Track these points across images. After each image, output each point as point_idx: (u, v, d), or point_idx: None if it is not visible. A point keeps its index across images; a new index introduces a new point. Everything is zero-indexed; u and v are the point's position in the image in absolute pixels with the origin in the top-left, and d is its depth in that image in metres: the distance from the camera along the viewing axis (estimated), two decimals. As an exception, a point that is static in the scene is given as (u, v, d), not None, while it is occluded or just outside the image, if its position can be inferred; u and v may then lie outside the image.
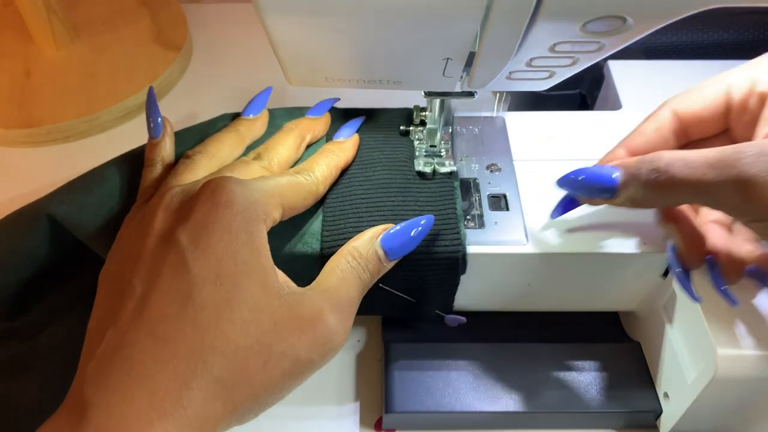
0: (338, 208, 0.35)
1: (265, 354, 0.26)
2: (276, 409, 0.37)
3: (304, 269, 0.32)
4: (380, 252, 0.31)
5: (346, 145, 0.37)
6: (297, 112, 0.40)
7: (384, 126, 0.39)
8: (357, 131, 0.38)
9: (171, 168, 0.35)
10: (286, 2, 0.26)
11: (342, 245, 0.32)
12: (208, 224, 0.27)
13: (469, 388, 0.36)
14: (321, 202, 0.35)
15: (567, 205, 0.34)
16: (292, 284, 0.29)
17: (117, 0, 0.60)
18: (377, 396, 0.38)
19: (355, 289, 0.30)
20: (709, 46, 0.49)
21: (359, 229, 0.33)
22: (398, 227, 0.32)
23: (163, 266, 0.27)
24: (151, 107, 0.36)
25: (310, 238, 0.34)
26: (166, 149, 0.35)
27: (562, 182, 0.33)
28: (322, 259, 0.33)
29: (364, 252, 0.31)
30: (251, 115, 0.38)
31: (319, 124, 0.39)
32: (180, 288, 0.26)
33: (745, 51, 0.49)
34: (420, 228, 0.32)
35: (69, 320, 0.37)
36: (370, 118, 0.39)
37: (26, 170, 0.36)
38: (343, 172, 0.36)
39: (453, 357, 0.37)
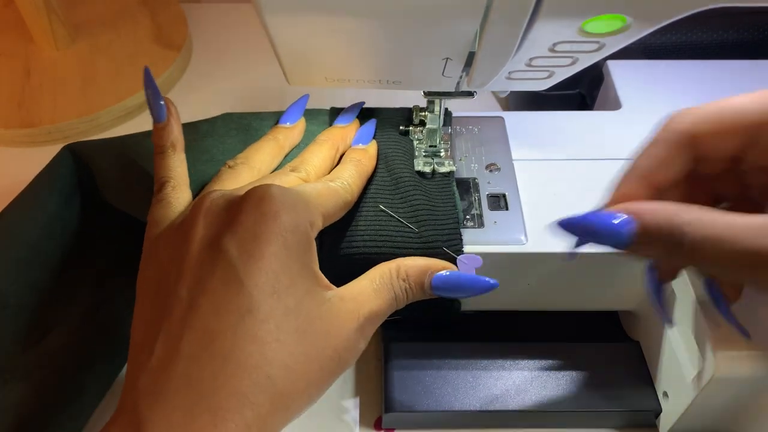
0: None
1: (320, 358, 0.27)
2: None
3: None
4: (427, 284, 0.31)
5: (370, 153, 0.36)
6: (318, 115, 0.39)
7: (383, 126, 0.39)
8: (374, 137, 0.38)
9: (182, 154, 0.34)
10: (286, 2, 0.26)
11: (337, 248, 0.32)
12: (259, 235, 0.26)
13: (468, 388, 0.36)
14: None
15: (580, 242, 0.29)
16: (331, 287, 0.29)
17: (117, 0, 0.60)
18: (377, 395, 0.38)
19: (387, 305, 0.30)
20: (709, 46, 0.49)
21: (357, 231, 0.33)
22: (457, 274, 0.31)
23: (212, 277, 0.26)
24: (150, 89, 0.33)
25: None
26: (174, 132, 0.33)
27: (566, 225, 0.28)
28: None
29: (413, 276, 0.30)
30: (288, 123, 0.38)
31: (350, 132, 0.38)
32: (235, 301, 0.25)
33: (745, 51, 0.49)
34: (481, 285, 0.30)
35: (70, 322, 0.36)
36: (369, 118, 0.39)
37: (26, 170, 0.36)
38: None
39: (452, 356, 0.37)
